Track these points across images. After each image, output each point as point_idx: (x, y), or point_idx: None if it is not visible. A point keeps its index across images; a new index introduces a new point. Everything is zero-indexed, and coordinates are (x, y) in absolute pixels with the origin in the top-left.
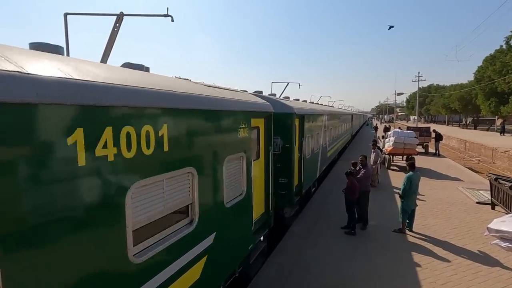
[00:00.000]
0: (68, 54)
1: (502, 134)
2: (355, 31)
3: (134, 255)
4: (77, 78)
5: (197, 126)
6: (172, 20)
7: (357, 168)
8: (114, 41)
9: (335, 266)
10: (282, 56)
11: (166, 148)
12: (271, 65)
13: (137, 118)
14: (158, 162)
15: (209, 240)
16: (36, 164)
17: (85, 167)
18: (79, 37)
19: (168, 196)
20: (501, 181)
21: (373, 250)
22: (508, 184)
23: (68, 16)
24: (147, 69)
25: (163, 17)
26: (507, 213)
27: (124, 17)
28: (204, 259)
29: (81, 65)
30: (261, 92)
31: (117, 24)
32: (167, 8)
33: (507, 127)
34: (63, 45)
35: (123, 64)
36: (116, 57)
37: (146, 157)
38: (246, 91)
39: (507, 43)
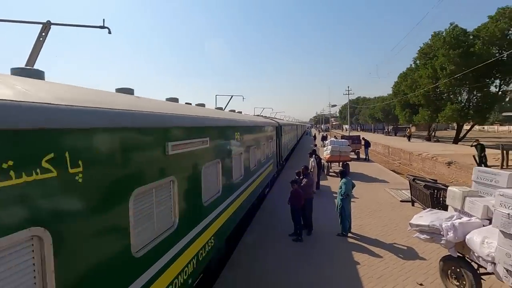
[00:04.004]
0: None
1: (408, 140)
2: (293, 47)
3: None
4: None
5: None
6: (109, 32)
7: (301, 177)
8: (39, 52)
9: (287, 274)
10: (226, 70)
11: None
12: (215, 78)
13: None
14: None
15: None
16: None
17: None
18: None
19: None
20: (417, 181)
21: (319, 254)
22: (423, 183)
23: None
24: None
25: (99, 29)
26: (423, 209)
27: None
28: None
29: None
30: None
31: (43, 33)
32: (103, 19)
33: (420, 134)
34: None
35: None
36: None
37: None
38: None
39: (414, 62)
